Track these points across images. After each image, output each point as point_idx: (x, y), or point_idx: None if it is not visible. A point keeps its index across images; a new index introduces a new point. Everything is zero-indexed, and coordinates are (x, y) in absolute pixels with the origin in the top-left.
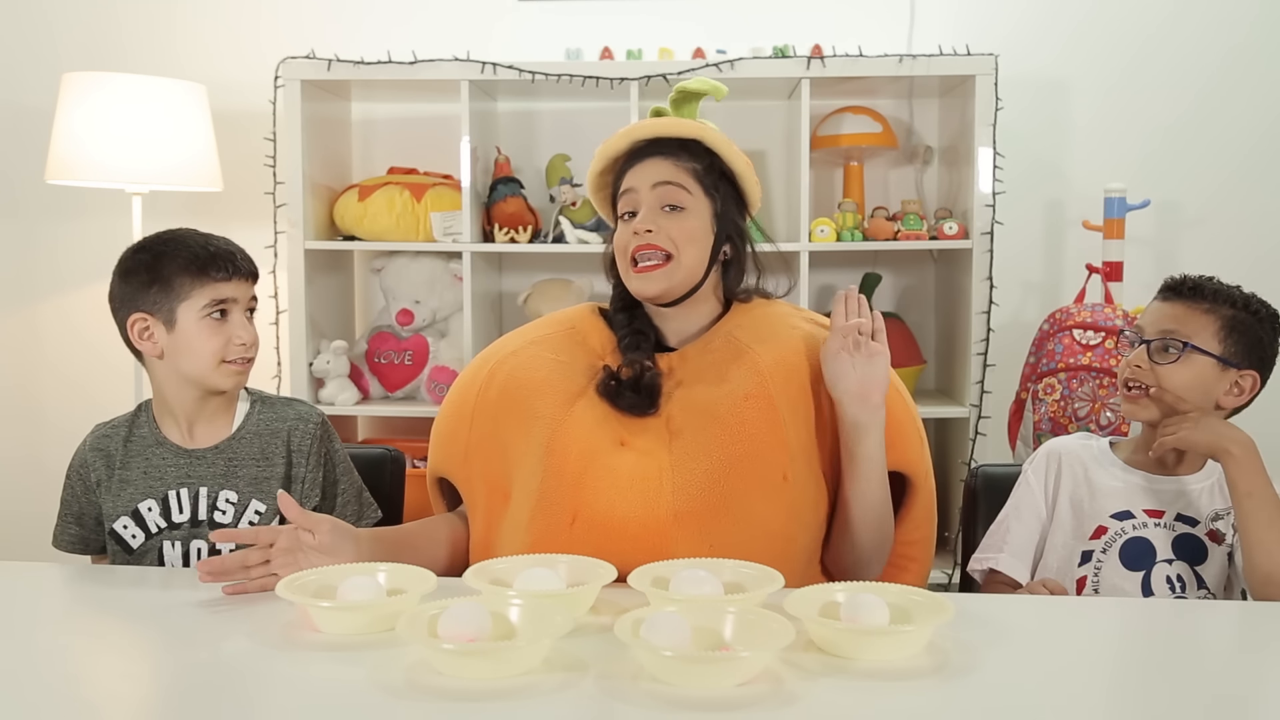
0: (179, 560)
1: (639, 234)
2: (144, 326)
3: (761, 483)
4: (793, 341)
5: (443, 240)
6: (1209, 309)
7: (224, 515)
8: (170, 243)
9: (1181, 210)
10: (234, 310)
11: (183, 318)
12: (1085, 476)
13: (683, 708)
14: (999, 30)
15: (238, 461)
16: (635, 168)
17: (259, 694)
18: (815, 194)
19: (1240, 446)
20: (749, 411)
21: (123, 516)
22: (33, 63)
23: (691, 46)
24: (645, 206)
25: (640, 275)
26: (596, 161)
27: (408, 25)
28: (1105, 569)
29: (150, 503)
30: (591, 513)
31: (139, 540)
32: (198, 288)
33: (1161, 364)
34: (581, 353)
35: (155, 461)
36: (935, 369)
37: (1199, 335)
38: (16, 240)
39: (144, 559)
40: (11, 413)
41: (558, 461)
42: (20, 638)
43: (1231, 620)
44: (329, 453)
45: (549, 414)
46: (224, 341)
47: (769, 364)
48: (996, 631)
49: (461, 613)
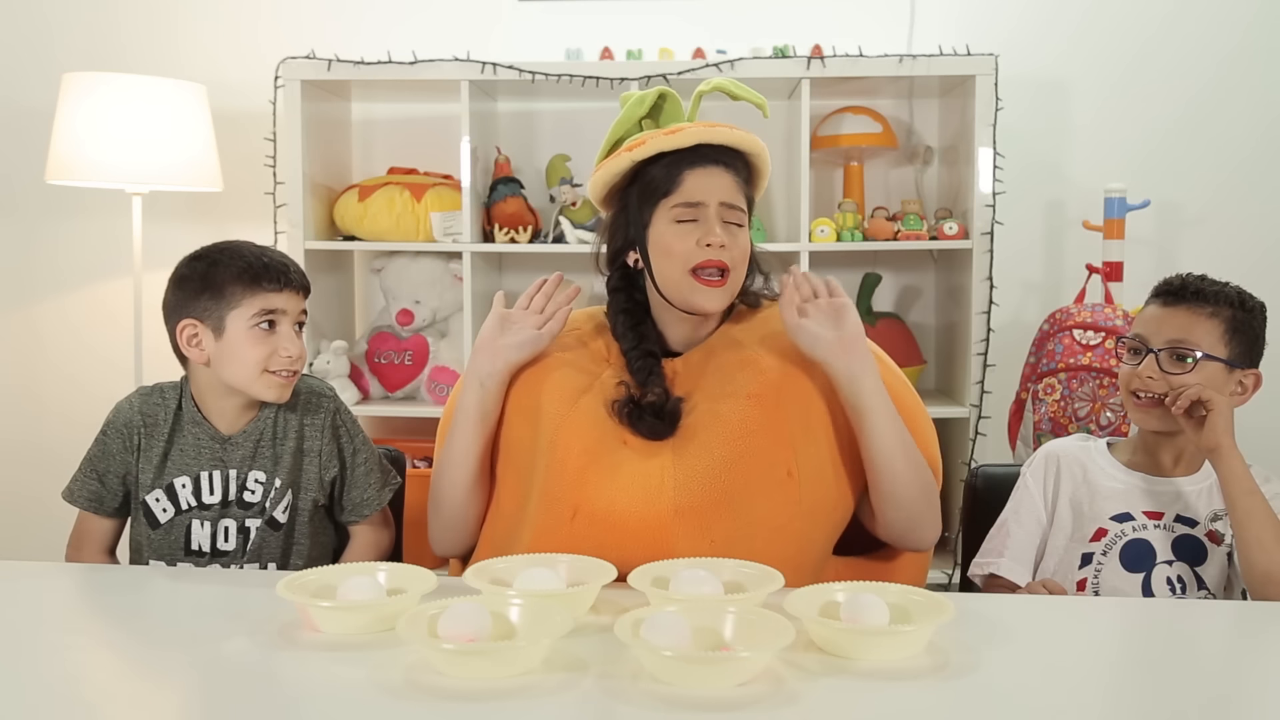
0: (207, 540)
1: (713, 247)
2: (193, 333)
3: (764, 479)
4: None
5: (443, 240)
6: (1212, 312)
7: (253, 495)
8: (225, 252)
9: (1181, 210)
10: (283, 322)
11: (231, 326)
12: (1084, 479)
13: (683, 708)
14: (999, 30)
15: (263, 442)
16: (699, 175)
17: (259, 694)
18: (815, 194)
19: (1234, 445)
20: (751, 410)
21: (155, 489)
22: (33, 63)
23: (691, 46)
24: (714, 221)
25: (708, 289)
26: (644, 150)
27: (408, 25)
28: (1105, 571)
29: (185, 479)
30: (592, 508)
31: (168, 515)
32: (248, 297)
33: (1174, 373)
34: (585, 351)
35: (192, 440)
36: (935, 369)
37: (1207, 341)
38: (16, 240)
39: (169, 534)
40: (12, 413)
41: (560, 456)
42: (20, 638)
43: (1231, 620)
44: (341, 424)
45: (553, 409)
46: (269, 352)
47: (771, 364)
48: (996, 631)
49: (461, 612)
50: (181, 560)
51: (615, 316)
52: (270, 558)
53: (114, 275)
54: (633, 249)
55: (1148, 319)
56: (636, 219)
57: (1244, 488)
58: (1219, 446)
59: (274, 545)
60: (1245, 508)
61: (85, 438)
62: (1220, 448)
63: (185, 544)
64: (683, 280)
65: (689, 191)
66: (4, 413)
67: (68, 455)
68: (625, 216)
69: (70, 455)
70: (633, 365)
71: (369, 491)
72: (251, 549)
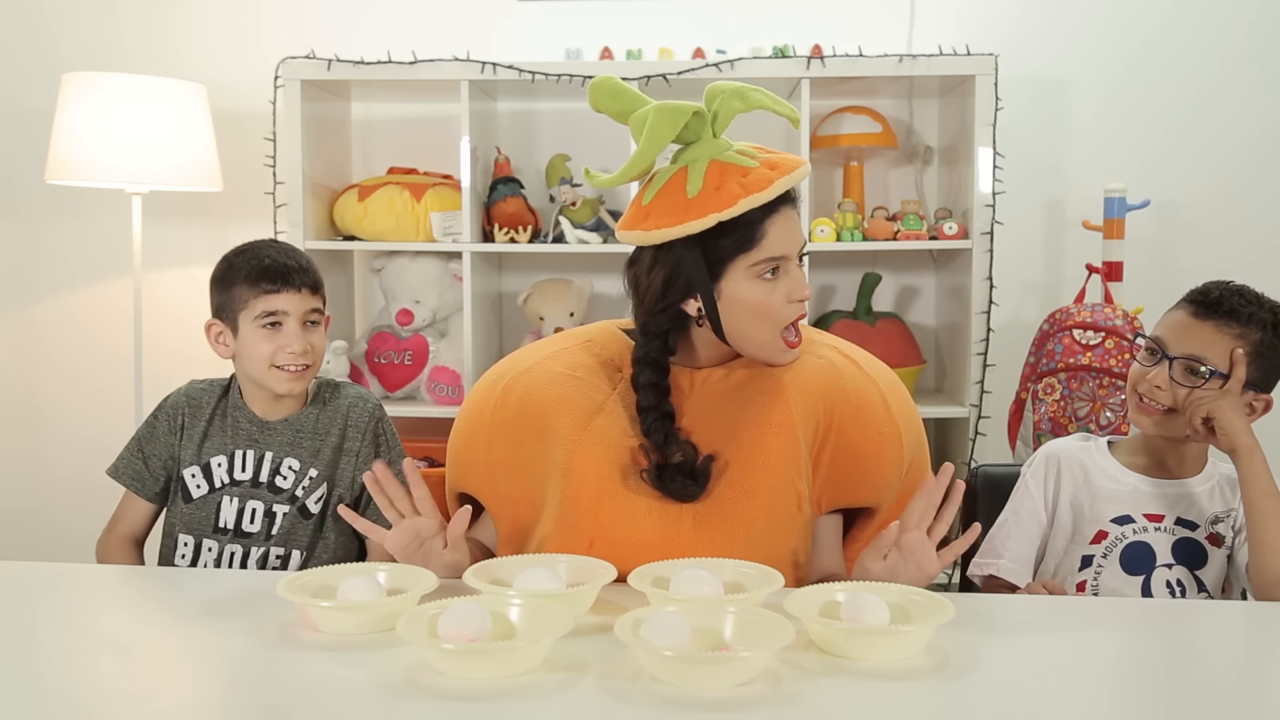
0: (233, 518)
1: (804, 302)
2: (218, 331)
3: (782, 513)
4: (816, 370)
5: (443, 240)
6: (1240, 334)
7: (285, 480)
8: (243, 254)
9: (1181, 210)
10: (287, 322)
11: (243, 325)
12: (1085, 480)
13: (683, 708)
14: (999, 30)
15: (303, 433)
16: (779, 223)
17: (259, 694)
18: (815, 194)
19: (1256, 444)
20: (772, 439)
21: (193, 465)
22: (33, 63)
23: (691, 46)
24: (798, 272)
25: (790, 350)
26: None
27: (408, 25)
28: (1105, 574)
29: (220, 458)
30: (609, 539)
31: (202, 491)
32: (253, 299)
33: (1185, 386)
34: (598, 365)
35: (231, 423)
36: (935, 369)
37: (1226, 361)
38: (16, 240)
39: (201, 509)
40: (12, 413)
41: (575, 484)
42: (20, 638)
43: (1231, 620)
44: (383, 433)
45: (567, 433)
46: (275, 349)
47: (793, 392)
48: (996, 631)
49: (461, 612)
50: (208, 538)
51: (642, 366)
52: (297, 545)
53: (114, 275)
54: (693, 296)
55: (1173, 325)
56: (701, 266)
57: (1263, 489)
58: (1237, 447)
59: (303, 533)
60: (1262, 509)
61: (85, 439)
62: (1239, 448)
63: (215, 521)
64: (772, 341)
65: (774, 246)
66: (4, 413)
67: (68, 456)
68: (686, 260)
69: (70, 455)
70: (648, 425)
71: None
72: (280, 533)
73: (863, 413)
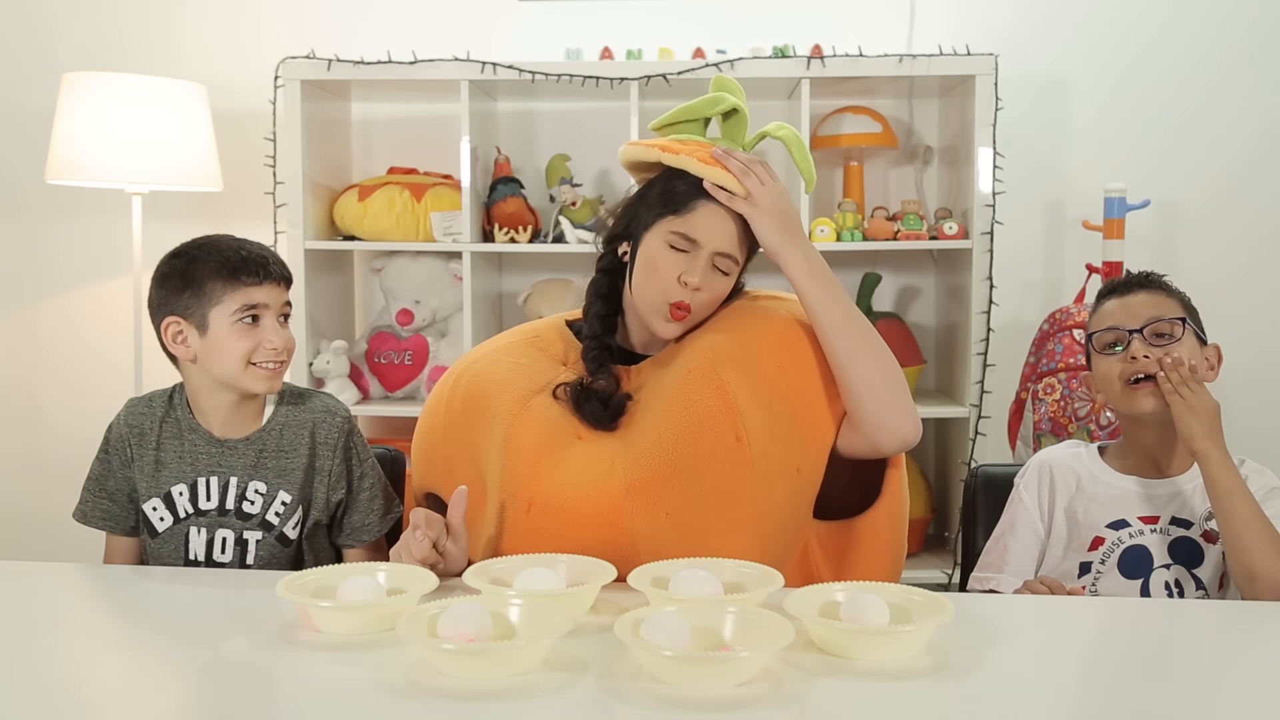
0: (203, 549)
1: (688, 288)
2: (178, 330)
3: (713, 447)
4: (745, 314)
5: (443, 240)
6: (1169, 293)
7: (252, 505)
8: (204, 248)
9: (1181, 210)
10: (265, 315)
11: (214, 322)
12: (1079, 487)
13: (683, 708)
14: (999, 30)
15: (267, 453)
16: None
17: (259, 694)
18: (815, 194)
19: (1218, 444)
20: (692, 382)
21: (154, 498)
22: (33, 63)
23: (691, 46)
24: (703, 264)
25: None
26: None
27: (408, 25)
28: (1104, 579)
29: (181, 487)
30: (546, 498)
31: (166, 524)
32: (229, 292)
33: (1160, 346)
34: (543, 358)
35: (188, 447)
36: (935, 369)
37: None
38: (16, 240)
39: (169, 543)
40: (12, 413)
41: (514, 453)
42: (20, 638)
43: (1229, 620)
44: (353, 447)
45: (507, 409)
46: (253, 345)
47: (711, 339)
48: (996, 631)
49: (461, 613)
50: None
51: (592, 298)
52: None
53: (114, 275)
54: (627, 241)
55: (1113, 311)
56: (642, 217)
57: (1224, 489)
58: (1195, 452)
59: (283, 560)
60: (1225, 510)
61: (85, 438)
62: (1197, 453)
63: (185, 554)
64: (660, 308)
65: (693, 224)
66: (3, 413)
67: (67, 456)
68: (636, 208)
69: (69, 455)
70: (588, 353)
71: (370, 518)
72: (259, 563)
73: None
